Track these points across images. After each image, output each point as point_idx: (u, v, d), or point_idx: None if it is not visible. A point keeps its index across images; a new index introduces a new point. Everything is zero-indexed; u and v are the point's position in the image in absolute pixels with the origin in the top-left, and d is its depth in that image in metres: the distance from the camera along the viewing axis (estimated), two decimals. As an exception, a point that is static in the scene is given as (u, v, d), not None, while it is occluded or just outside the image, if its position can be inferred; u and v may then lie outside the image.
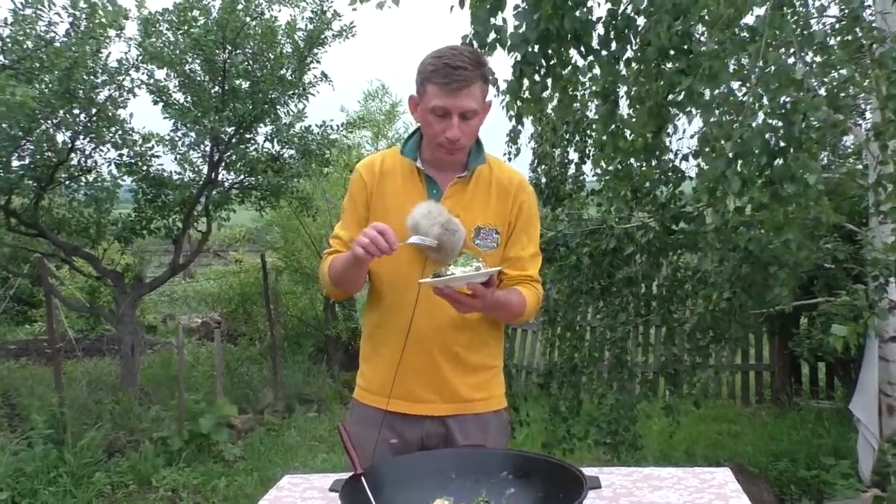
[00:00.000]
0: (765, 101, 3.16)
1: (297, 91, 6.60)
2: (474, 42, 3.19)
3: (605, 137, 3.65)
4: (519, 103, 3.44)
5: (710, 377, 4.76)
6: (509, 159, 4.69)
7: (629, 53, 3.36)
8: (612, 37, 3.31)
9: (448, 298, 1.87)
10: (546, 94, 3.43)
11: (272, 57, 6.33)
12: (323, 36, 6.44)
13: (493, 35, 3.17)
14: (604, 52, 3.31)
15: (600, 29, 3.30)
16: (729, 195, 3.16)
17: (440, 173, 2.07)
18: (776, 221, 3.45)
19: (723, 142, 3.09)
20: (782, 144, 3.13)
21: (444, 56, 1.94)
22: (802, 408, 6.72)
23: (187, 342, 8.65)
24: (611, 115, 3.54)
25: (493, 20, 3.18)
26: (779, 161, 3.11)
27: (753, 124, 3.09)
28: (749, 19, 3.32)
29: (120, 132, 6.15)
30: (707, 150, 3.27)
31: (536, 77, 3.35)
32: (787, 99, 3.14)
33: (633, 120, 3.61)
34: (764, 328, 6.88)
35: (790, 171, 3.05)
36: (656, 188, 4.25)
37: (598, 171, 4.46)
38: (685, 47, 3.22)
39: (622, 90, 3.57)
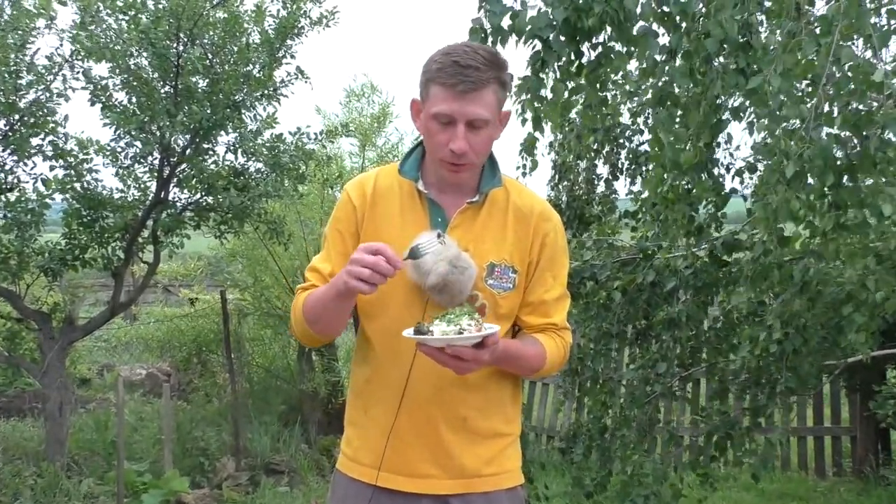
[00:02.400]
0: (834, 107, 3.19)
1: (266, 91, 6.62)
2: (487, 24, 3.21)
3: (661, 150, 3.65)
4: (537, 104, 3.47)
5: (772, 442, 4.74)
6: (523, 174, 4.74)
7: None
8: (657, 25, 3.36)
9: (433, 358, 1.88)
10: (570, 95, 3.48)
11: (236, 49, 6.37)
12: (298, 24, 6.49)
13: (507, 21, 3.20)
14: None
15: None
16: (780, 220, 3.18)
17: (446, 197, 2.08)
18: (849, 249, 3.46)
19: (784, 159, 3.12)
20: (852, 162, 3.14)
21: (453, 53, 1.96)
22: (892, 482, 6.67)
23: (129, 399, 8.60)
24: (671, 122, 3.56)
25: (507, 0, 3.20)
26: (846, 181, 3.13)
27: (820, 135, 3.11)
28: (819, 7, 3.38)
29: (50, 139, 6.21)
30: (768, 164, 3.31)
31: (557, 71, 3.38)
32: (861, 106, 3.16)
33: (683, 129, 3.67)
34: (841, 383, 6.88)
35: (860, 194, 3.06)
36: (697, 209, 4.29)
37: (639, 191, 4.47)
38: (745, 40, 3.28)
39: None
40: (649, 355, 4.80)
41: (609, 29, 3.28)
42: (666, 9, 3.30)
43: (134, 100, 6.32)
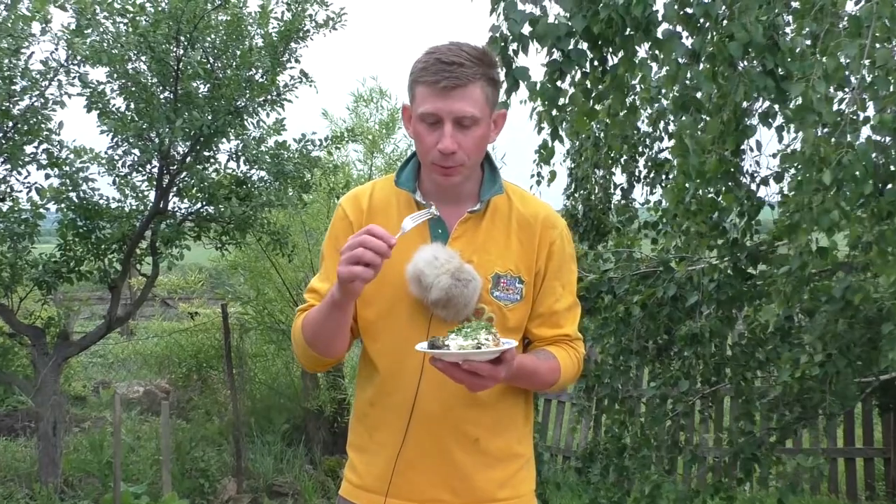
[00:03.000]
0: (871, 111, 3.21)
1: (269, 96, 6.65)
2: (506, 32, 3.23)
3: (685, 157, 3.67)
4: (555, 114, 3.50)
5: (801, 464, 4.72)
6: (538, 183, 4.75)
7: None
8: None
9: (447, 374, 1.87)
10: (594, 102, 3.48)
11: (238, 53, 6.38)
12: (303, 27, 6.51)
13: (527, 28, 3.22)
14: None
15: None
16: (813, 230, 3.19)
17: (446, 208, 2.08)
18: (888, 265, 3.45)
19: (823, 166, 3.12)
20: (892, 168, 3.18)
21: (436, 51, 1.98)
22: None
23: (126, 417, 8.60)
24: (695, 127, 3.58)
25: (526, 6, 3.23)
26: (890, 188, 3.15)
27: (859, 141, 3.12)
28: (849, 6, 3.39)
29: (45, 147, 6.23)
30: (797, 171, 3.30)
31: (574, 78, 3.41)
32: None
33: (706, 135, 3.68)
34: (874, 402, 6.85)
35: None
36: (726, 218, 4.28)
37: (658, 200, 4.45)
38: (773, 42, 3.29)
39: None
40: (670, 372, 4.80)
41: (629, 32, 3.30)
42: (689, 10, 3.32)
43: (132, 105, 6.34)
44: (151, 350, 10.90)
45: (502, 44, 3.28)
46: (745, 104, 3.68)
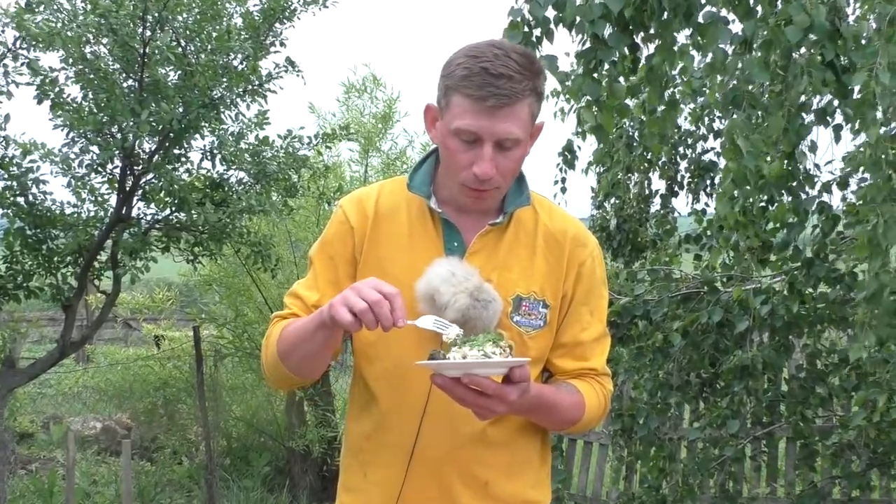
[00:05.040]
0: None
1: (250, 86, 6.61)
2: (528, 16, 3.23)
3: (739, 161, 3.65)
4: (596, 111, 3.49)
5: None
6: (563, 191, 4.73)
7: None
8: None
9: (448, 392, 1.87)
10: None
11: (214, 36, 6.33)
12: (289, 5, 6.50)
13: (551, 11, 3.23)
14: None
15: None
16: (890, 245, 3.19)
17: (464, 218, 2.11)
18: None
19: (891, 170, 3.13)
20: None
21: (482, 56, 1.96)
22: None
23: (81, 458, 8.57)
24: (749, 126, 3.58)
25: None
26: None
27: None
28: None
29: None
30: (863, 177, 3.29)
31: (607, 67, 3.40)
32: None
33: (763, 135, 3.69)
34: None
35: None
36: (797, 235, 4.27)
37: (702, 209, 4.44)
38: (834, 28, 3.30)
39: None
40: (717, 411, 4.78)
41: (666, 17, 3.30)
42: None
43: (91, 96, 6.27)
44: (111, 380, 10.78)
45: (525, 29, 3.29)
46: (801, 99, 3.71)
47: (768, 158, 3.78)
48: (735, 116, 3.59)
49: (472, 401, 1.86)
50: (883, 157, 3.20)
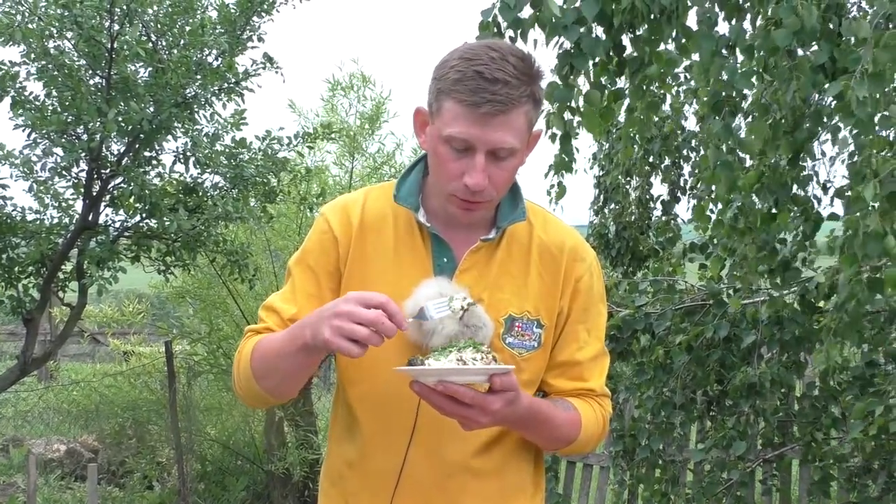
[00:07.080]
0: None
1: (226, 84, 6.61)
2: (499, 17, 3.33)
3: (715, 169, 3.77)
4: (567, 117, 3.58)
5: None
6: (558, 197, 4.63)
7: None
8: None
9: (427, 400, 1.87)
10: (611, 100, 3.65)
11: (187, 30, 6.36)
12: (268, -3, 6.53)
13: (527, 10, 3.33)
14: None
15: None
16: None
17: (454, 232, 2.10)
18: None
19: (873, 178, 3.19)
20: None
21: (477, 59, 1.94)
22: None
23: (43, 483, 8.62)
24: (727, 134, 3.66)
25: None
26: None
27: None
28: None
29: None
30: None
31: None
32: None
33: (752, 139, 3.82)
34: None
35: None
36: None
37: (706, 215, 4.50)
38: (831, 28, 3.43)
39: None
40: (724, 431, 4.82)
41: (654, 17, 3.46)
42: None
43: (54, 93, 6.27)
44: (76, 399, 10.85)
45: (495, 30, 3.38)
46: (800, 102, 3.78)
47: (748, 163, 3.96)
48: (710, 124, 3.70)
49: (451, 410, 1.86)
50: (867, 167, 3.25)
